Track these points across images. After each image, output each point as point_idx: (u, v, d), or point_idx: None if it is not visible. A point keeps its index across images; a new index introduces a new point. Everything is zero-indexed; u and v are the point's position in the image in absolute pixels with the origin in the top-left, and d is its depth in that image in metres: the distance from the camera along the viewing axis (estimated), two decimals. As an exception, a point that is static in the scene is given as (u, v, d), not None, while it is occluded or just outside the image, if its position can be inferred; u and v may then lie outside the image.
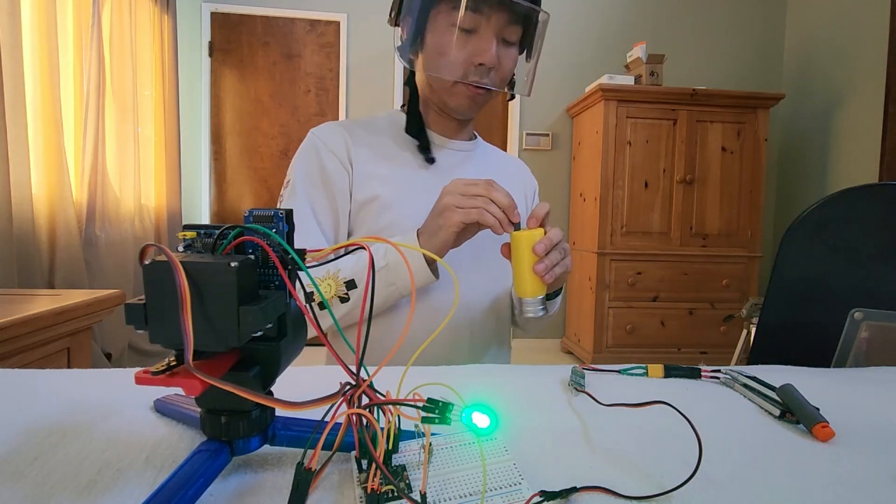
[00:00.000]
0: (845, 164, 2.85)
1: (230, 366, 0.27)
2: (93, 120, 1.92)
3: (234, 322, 0.24)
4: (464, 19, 0.71)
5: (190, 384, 0.23)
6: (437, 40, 0.74)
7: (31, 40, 1.61)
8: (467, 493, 0.27)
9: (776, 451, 0.35)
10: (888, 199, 0.67)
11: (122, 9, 2.14)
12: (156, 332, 0.24)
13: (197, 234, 0.29)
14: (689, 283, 2.81)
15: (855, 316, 0.63)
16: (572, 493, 0.28)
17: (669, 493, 0.29)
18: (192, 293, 0.23)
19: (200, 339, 0.24)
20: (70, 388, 0.42)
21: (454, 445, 0.30)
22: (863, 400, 0.46)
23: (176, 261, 0.23)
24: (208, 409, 0.28)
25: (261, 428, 0.29)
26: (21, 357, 0.97)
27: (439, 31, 0.73)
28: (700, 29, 3.29)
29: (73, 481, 0.28)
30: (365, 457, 0.28)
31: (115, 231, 2.09)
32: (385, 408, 0.28)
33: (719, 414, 0.42)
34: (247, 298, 0.25)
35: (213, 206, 3.15)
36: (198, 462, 0.26)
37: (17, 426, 0.35)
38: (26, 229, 1.55)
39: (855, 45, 2.78)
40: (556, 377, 0.50)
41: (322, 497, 0.27)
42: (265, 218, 0.29)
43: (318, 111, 3.15)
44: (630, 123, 2.76)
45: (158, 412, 0.37)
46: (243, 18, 3.07)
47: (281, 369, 0.30)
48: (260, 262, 0.29)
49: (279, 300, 0.27)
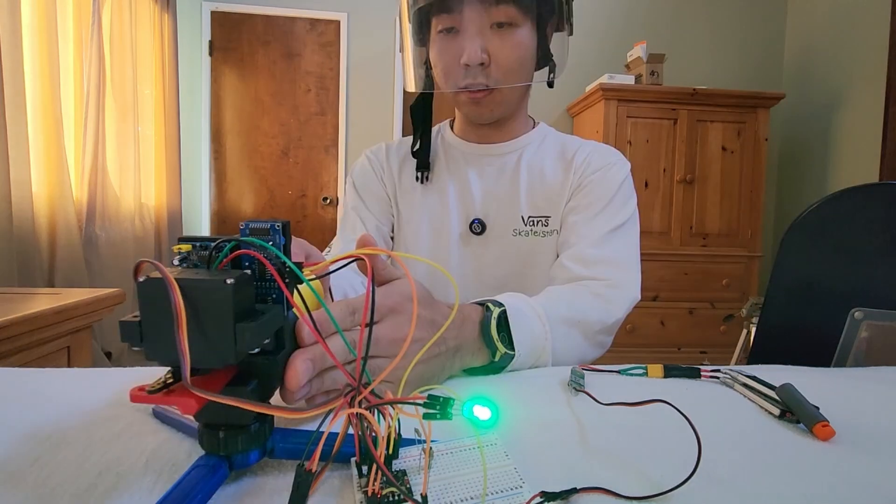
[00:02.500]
0: (845, 164, 2.85)
1: (227, 381, 0.27)
2: (93, 119, 1.92)
3: (230, 339, 0.24)
4: (441, 21, 0.66)
5: (186, 403, 0.23)
6: (432, 52, 0.71)
7: (31, 40, 1.60)
8: (468, 496, 0.27)
9: (776, 450, 0.35)
10: (888, 199, 0.67)
11: (122, 8, 2.14)
12: (152, 350, 0.24)
13: (192, 247, 0.28)
14: (689, 282, 2.81)
15: (855, 315, 0.63)
16: (572, 494, 0.28)
17: (669, 492, 0.28)
18: (187, 310, 0.23)
19: (197, 357, 0.23)
20: (70, 388, 0.42)
21: (454, 451, 0.30)
22: (863, 400, 0.46)
23: (171, 278, 0.23)
24: (206, 424, 0.28)
25: (259, 442, 0.29)
26: (21, 356, 0.97)
27: (430, 41, 0.71)
28: (700, 28, 3.29)
29: (74, 484, 0.28)
30: (365, 462, 0.28)
31: (116, 230, 2.09)
32: (385, 412, 0.28)
33: (719, 414, 0.42)
34: (243, 315, 0.25)
35: (213, 206, 3.15)
36: (195, 478, 0.26)
37: (17, 427, 0.35)
38: (26, 228, 1.55)
39: (855, 45, 2.77)
40: (556, 377, 0.50)
41: (321, 501, 0.27)
42: (261, 231, 0.29)
43: (319, 110, 3.15)
44: (630, 123, 2.75)
45: (157, 419, 0.37)
46: (244, 17, 3.06)
47: (279, 383, 0.30)
48: (257, 276, 0.28)
49: (277, 315, 0.27)
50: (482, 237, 0.76)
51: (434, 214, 0.78)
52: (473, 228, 0.76)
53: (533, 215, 0.75)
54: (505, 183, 0.77)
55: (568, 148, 0.79)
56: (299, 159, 3.16)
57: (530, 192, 0.76)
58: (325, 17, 3.08)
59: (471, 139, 0.80)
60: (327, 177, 3.18)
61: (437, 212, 0.78)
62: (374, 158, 0.83)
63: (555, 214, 0.75)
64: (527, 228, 0.75)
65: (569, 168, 0.76)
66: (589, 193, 0.73)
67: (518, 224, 0.75)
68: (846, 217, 0.68)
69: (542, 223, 0.75)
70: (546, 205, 0.75)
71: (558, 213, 0.75)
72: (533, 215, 0.75)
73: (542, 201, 0.75)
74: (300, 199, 3.18)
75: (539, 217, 0.75)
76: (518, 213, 0.75)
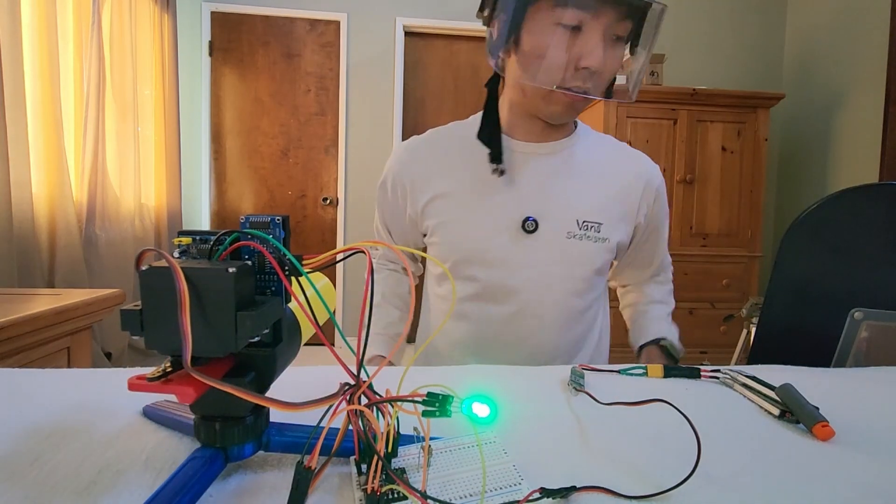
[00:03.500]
0: (845, 164, 2.85)
1: (225, 372, 0.27)
2: (93, 119, 1.92)
3: (231, 327, 0.24)
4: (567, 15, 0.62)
5: (184, 391, 0.23)
6: (535, 41, 0.65)
7: (31, 40, 1.60)
8: (467, 493, 0.27)
9: (776, 450, 0.35)
10: (888, 199, 0.67)
11: (122, 8, 2.14)
12: (152, 338, 0.24)
13: (192, 240, 0.29)
14: (689, 282, 2.81)
15: (855, 316, 0.63)
16: (571, 493, 0.28)
17: (668, 492, 0.29)
18: (190, 298, 0.23)
19: (198, 345, 0.24)
20: (70, 388, 0.42)
21: (453, 449, 0.30)
22: (863, 400, 0.46)
23: (175, 264, 0.23)
24: (202, 416, 0.28)
25: (255, 434, 0.29)
26: (21, 357, 0.97)
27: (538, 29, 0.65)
28: (700, 29, 3.29)
29: (74, 482, 0.28)
30: (364, 460, 0.28)
31: (116, 230, 2.09)
32: (384, 409, 0.28)
33: (719, 413, 0.42)
34: (244, 304, 0.25)
35: (213, 206, 3.15)
36: (192, 469, 0.26)
37: (18, 426, 0.35)
38: (26, 229, 1.55)
39: (855, 45, 2.78)
40: (556, 377, 0.50)
41: (321, 499, 0.27)
42: (262, 224, 0.29)
43: (319, 111, 3.15)
44: (630, 123, 2.76)
45: (147, 418, 0.37)
46: (243, 18, 3.06)
47: (276, 375, 0.30)
48: (256, 268, 0.29)
49: (276, 306, 0.28)
50: (534, 235, 0.75)
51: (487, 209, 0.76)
52: (526, 226, 0.74)
53: (588, 220, 0.76)
54: (560, 183, 0.77)
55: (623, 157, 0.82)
56: (299, 160, 3.16)
57: (586, 197, 0.77)
58: (325, 17, 3.08)
59: (517, 136, 0.78)
60: (327, 177, 3.18)
61: (490, 206, 0.76)
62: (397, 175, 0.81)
63: (607, 222, 0.76)
64: (580, 232, 0.75)
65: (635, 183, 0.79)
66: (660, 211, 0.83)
67: (572, 227, 0.75)
68: (846, 218, 0.68)
69: (595, 229, 0.76)
70: (600, 212, 0.76)
71: (611, 221, 0.77)
72: (588, 220, 0.76)
73: (597, 208, 0.76)
74: (300, 199, 3.18)
75: (593, 223, 0.76)
76: (573, 216, 0.75)
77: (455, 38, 3.20)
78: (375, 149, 3.17)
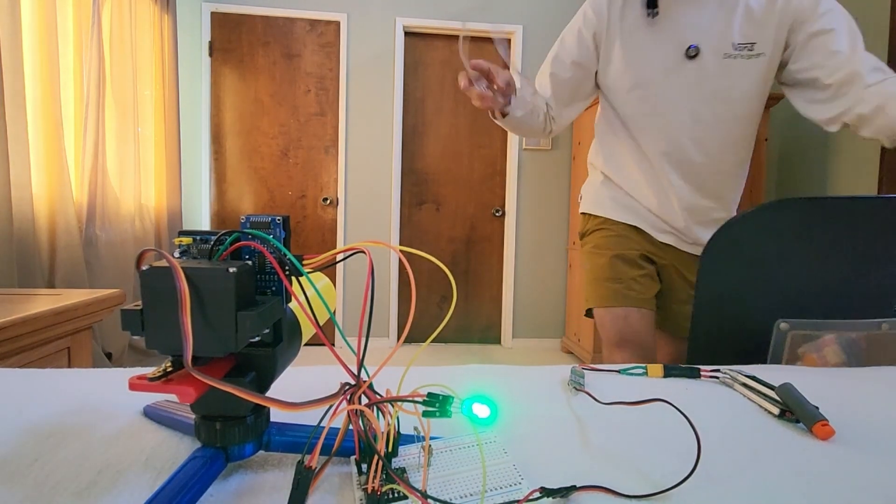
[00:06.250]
0: (845, 165, 2.85)
1: (226, 372, 0.27)
2: (93, 120, 1.92)
3: (232, 327, 0.24)
4: None
5: (184, 391, 0.23)
6: None
7: (31, 40, 1.61)
8: (467, 493, 0.27)
9: (776, 449, 0.35)
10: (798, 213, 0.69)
11: (122, 8, 2.14)
12: (152, 338, 0.24)
13: (193, 240, 0.29)
14: (689, 282, 2.81)
15: (781, 326, 0.64)
16: (571, 492, 0.28)
17: (668, 491, 0.29)
18: (190, 298, 0.23)
19: (198, 344, 0.24)
20: (70, 388, 0.42)
21: (453, 449, 0.30)
22: (863, 399, 0.46)
23: (176, 264, 0.23)
24: (203, 416, 0.28)
25: (256, 434, 0.29)
26: (21, 357, 0.97)
27: None
28: (700, 28, 3.29)
29: (74, 482, 0.28)
30: (365, 460, 0.28)
31: (115, 231, 2.09)
32: (384, 409, 0.28)
33: (718, 413, 0.42)
34: (245, 304, 0.25)
35: (213, 206, 3.15)
36: (193, 469, 0.26)
37: (18, 427, 0.35)
38: (26, 229, 1.55)
39: (855, 44, 2.77)
40: (556, 377, 0.50)
41: (321, 499, 0.27)
42: (262, 224, 0.29)
43: (319, 111, 3.15)
44: (630, 123, 2.76)
45: (148, 418, 0.37)
46: (243, 18, 3.07)
47: (276, 375, 0.30)
48: (256, 268, 0.29)
49: (276, 306, 0.28)
50: (696, 60, 0.92)
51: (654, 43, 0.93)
52: (689, 53, 0.91)
53: (742, 42, 0.91)
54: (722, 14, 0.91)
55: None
56: (299, 160, 3.16)
57: (740, 22, 0.91)
58: (325, 17, 3.09)
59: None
60: (327, 177, 3.18)
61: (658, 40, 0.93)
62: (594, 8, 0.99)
63: (760, 40, 0.91)
64: (735, 52, 0.91)
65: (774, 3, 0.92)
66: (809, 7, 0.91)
67: (728, 49, 0.91)
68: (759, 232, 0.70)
69: (748, 48, 0.91)
70: (753, 32, 0.90)
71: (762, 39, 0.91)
72: (742, 42, 0.91)
73: (750, 30, 0.91)
74: (300, 199, 3.18)
75: (746, 43, 0.91)
76: (729, 40, 0.91)
77: (455, 38, 3.20)
78: (375, 149, 3.17)
